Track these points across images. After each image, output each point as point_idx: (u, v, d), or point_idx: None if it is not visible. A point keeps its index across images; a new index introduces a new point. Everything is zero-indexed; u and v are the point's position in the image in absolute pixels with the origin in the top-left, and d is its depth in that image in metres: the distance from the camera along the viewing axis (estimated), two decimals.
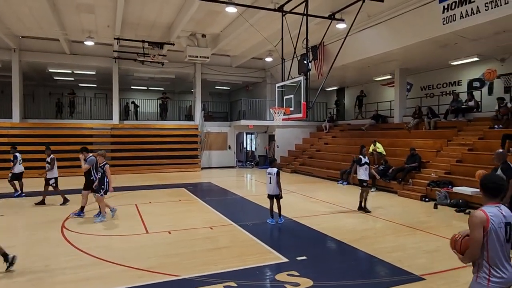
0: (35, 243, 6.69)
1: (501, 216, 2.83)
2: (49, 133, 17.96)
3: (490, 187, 2.89)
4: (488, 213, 2.80)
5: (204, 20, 14.30)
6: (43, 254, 6.04)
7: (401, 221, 8.35)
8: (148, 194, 12.19)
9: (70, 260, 5.76)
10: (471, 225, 2.82)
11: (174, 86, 25.19)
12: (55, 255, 5.99)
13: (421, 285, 4.83)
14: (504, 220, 2.83)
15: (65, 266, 5.49)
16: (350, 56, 14.56)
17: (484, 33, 10.70)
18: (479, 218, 2.79)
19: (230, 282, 4.84)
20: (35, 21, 14.24)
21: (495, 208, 2.86)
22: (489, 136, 11.83)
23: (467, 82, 15.21)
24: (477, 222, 2.78)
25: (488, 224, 2.77)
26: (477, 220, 2.79)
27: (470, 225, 2.82)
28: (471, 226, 2.82)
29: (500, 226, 2.80)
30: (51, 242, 6.71)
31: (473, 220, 2.80)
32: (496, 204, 2.89)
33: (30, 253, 6.12)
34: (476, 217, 2.80)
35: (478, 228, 2.77)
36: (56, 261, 5.68)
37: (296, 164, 19.40)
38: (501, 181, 2.94)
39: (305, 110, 10.22)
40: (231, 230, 7.63)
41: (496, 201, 2.90)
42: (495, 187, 2.89)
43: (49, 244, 6.62)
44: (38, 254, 6.02)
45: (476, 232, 2.77)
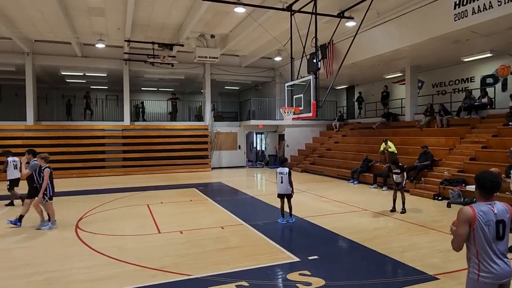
0: (50, 243, 6.81)
1: (491, 214, 2.83)
2: (62, 135, 18.28)
3: (487, 186, 2.88)
4: (476, 210, 2.83)
5: (213, 20, 14.36)
6: (58, 254, 6.15)
7: (413, 220, 8.27)
8: (160, 194, 12.30)
9: (84, 259, 5.85)
10: (457, 219, 2.88)
11: (183, 87, 25.34)
12: (70, 255, 6.09)
13: (434, 285, 4.77)
14: (495, 218, 2.83)
15: (79, 265, 5.58)
16: (360, 54, 14.44)
17: (497, 28, 10.50)
18: (466, 214, 2.84)
19: (242, 281, 4.86)
20: (47, 25, 14.50)
21: (487, 206, 2.87)
22: (503, 133, 11.63)
23: (480, 79, 14.95)
24: (463, 218, 2.84)
25: (475, 222, 2.80)
26: (463, 216, 2.84)
27: (457, 219, 2.89)
28: (457, 221, 2.88)
29: (489, 224, 2.81)
30: (66, 242, 6.83)
31: (460, 215, 2.87)
32: (489, 202, 2.89)
33: (46, 253, 6.24)
34: (464, 213, 2.85)
35: (463, 224, 2.84)
36: (71, 261, 5.78)
37: (306, 164, 19.34)
38: (497, 178, 2.92)
39: (315, 109, 10.19)
40: (242, 230, 7.65)
41: (490, 198, 2.91)
42: (491, 185, 2.87)
43: (64, 244, 6.74)
44: (52, 254, 6.13)
45: (461, 228, 2.85)
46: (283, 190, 8.18)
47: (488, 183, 2.87)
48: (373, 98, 20.33)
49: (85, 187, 14.32)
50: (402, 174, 9.15)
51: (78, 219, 8.67)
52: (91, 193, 12.79)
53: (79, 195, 12.32)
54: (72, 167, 17.95)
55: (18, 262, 5.79)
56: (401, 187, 9.15)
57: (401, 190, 9.13)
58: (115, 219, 8.78)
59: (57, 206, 10.41)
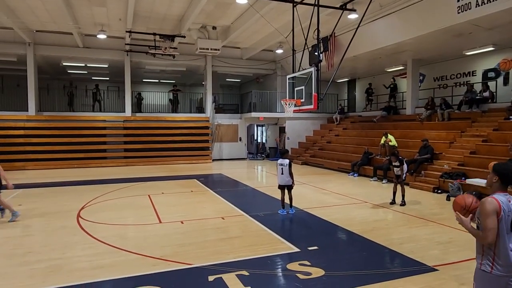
0: (53, 232, 6.84)
1: (508, 204, 2.79)
2: (63, 126, 18.27)
3: (508, 176, 2.82)
4: (499, 201, 2.75)
5: (215, 12, 14.24)
6: (60, 242, 6.18)
7: (413, 213, 8.28)
8: (161, 185, 12.32)
9: (86, 248, 5.88)
10: (484, 212, 2.74)
11: (185, 78, 25.24)
12: (72, 243, 6.12)
13: (433, 275, 4.79)
14: (511, 209, 2.79)
15: (81, 254, 5.61)
16: (362, 47, 14.33)
17: (500, 21, 10.38)
18: (493, 205, 2.73)
19: (242, 270, 4.88)
20: (49, 15, 14.39)
21: (505, 197, 2.81)
22: (504, 127, 11.58)
23: (482, 73, 14.85)
24: (491, 209, 2.71)
25: (501, 213, 2.73)
26: (491, 207, 2.72)
27: (483, 212, 2.74)
28: (484, 214, 2.74)
29: (509, 215, 2.76)
30: (68, 231, 6.85)
31: (487, 207, 2.73)
32: (505, 193, 2.84)
33: (48, 241, 6.27)
34: (490, 204, 2.73)
35: (492, 215, 2.71)
36: (72, 249, 5.81)
37: (306, 156, 19.33)
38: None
39: (316, 102, 10.14)
40: (243, 221, 7.67)
41: (506, 190, 2.86)
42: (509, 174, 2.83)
43: (66, 232, 6.76)
44: (55, 243, 6.16)
45: (491, 220, 2.71)
46: (283, 182, 8.18)
47: (510, 174, 2.82)
48: (375, 92, 20.23)
49: (87, 177, 14.34)
50: (402, 167, 9.12)
51: (79, 208, 8.69)
52: (93, 183, 12.82)
53: (81, 185, 12.35)
54: (73, 157, 17.98)
55: (20, 250, 5.81)
56: (401, 180, 9.15)
57: (401, 183, 9.13)
58: (116, 209, 8.81)
59: (58, 195, 10.50)
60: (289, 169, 8.06)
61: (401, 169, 9.10)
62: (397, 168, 9.14)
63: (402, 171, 9.12)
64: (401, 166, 9.10)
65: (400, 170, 9.11)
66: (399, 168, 9.12)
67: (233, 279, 4.62)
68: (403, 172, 9.18)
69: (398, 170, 9.14)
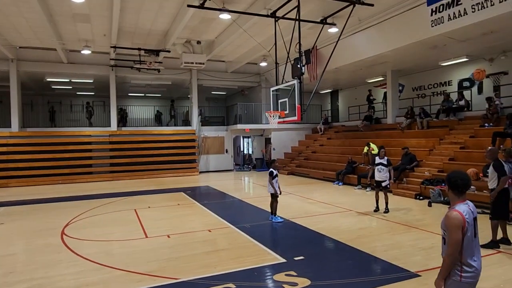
0: (35, 250, 6.63)
1: (470, 212, 2.86)
2: (48, 141, 17.89)
3: (461, 185, 2.89)
4: (463, 213, 2.81)
5: (199, 27, 14.33)
6: (44, 261, 5.99)
7: (396, 220, 8.37)
8: (147, 199, 12.14)
9: (70, 266, 5.71)
10: (450, 227, 2.80)
11: (170, 92, 25.16)
12: (56, 261, 5.94)
13: (416, 281, 4.83)
14: (473, 216, 2.87)
15: (65, 272, 5.45)
16: (343, 59, 14.63)
17: (472, 34, 10.78)
18: (458, 219, 2.78)
19: (229, 283, 4.82)
20: (32, 31, 14.21)
21: (465, 205, 2.87)
22: (480, 134, 11.91)
23: (457, 82, 15.31)
24: (456, 224, 2.78)
25: (465, 224, 2.79)
26: (456, 222, 2.78)
27: (449, 227, 2.81)
28: (450, 228, 2.80)
29: (472, 223, 2.84)
30: (52, 249, 6.66)
31: (453, 222, 2.79)
32: (464, 202, 2.90)
33: (30, 260, 6.08)
34: (455, 218, 2.79)
35: (457, 229, 2.77)
36: (56, 268, 5.64)
37: (292, 166, 19.40)
38: (467, 176, 2.96)
39: (300, 113, 10.24)
40: (230, 233, 7.61)
41: (464, 198, 2.92)
42: (463, 183, 2.89)
43: (49, 251, 6.57)
44: (38, 261, 5.97)
45: (456, 234, 2.77)
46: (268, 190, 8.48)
47: (459, 182, 2.89)
48: (357, 102, 20.59)
49: (72, 193, 14.02)
50: (389, 169, 9.10)
51: (64, 225, 8.47)
52: (78, 199, 12.54)
53: (66, 201, 12.06)
54: (58, 173, 17.57)
55: (1, 270, 5.61)
56: (385, 186, 9.09)
57: (384, 191, 9.12)
58: (102, 224, 8.62)
59: (42, 213, 10.22)
60: (268, 178, 8.33)
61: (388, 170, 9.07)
62: (384, 168, 9.06)
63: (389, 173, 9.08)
64: (388, 168, 9.10)
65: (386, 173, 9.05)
66: (385, 169, 9.06)
67: None
68: (390, 176, 9.13)
69: (382, 174, 9.06)
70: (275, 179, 8.40)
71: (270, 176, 8.38)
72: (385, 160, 9.18)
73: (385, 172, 9.11)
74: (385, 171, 9.12)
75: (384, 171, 9.11)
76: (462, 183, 2.89)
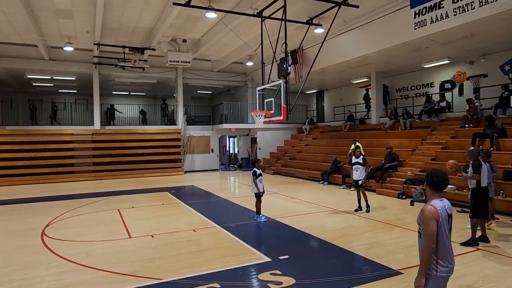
0: (14, 252, 6.44)
1: (444, 209, 2.98)
2: (28, 140, 17.43)
3: (436, 181, 3.00)
4: (437, 207, 2.93)
5: (185, 25, 14.21)
6: (22, 262, 5.83)
7: (379, 218, 8.49)
8: (131, 199, 11.96)
9: (50, 267, 5.58)
10: (424, 219, 2.91)
11: (156, 91, 24.88)
12: (35, 263, 5.79)
13: (399, 279, 4.91)
14: (447, 213, 2.99)
15: (45, 273, 5.31)
16: (328, 60, 14.76)
17: (454, 37, 11.04)
18: (431, 212, 2.90)
19: (214, 283, 4.80)
20: (12, 27, 13.80)
21: (440, 202, 2.99)
22: (460, 135, 12.20)
23: (439, 84, 15.65)
24: (430, 217, 2.89)
25: (439, 218, 2.90)
26: (429, 214, 2.89)
27: (424, 219, 2.91)
28: (424, 221, 2.91)
29: (446, 219, 2.96)
30: (31, 250, 6.48)
31: (426, 215, 2.90)
32: (440, 198, 3.02)
33: (8, 262, 5.90)
34: (429, 211, 2.91)
35: (432, 220, 2.88)
36: (36, 269, 5.50)
37: (278, 166, 19.46)
38: (445, 175, 3.05)
39: (285, 113, 10.27)
40: (215, 232, 7.57)
41: (440, 194, 3.03)
42: (440, 180, 3.00)
43: (28, 252, 6.39)
44: (17, 263, 5.80)
45: (431, 224, 2.88)
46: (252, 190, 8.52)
47: (435, 179, 3.01)
48: (342, 102, 20.81)
49: (53, 193, 13.70)
50: (365, 168, 9.19)
51: (44, 226, 8.26)
52: (59, 199, 12.26)
53: (46, 201, 11.77)
54: (39, 172, 17.13)
55: None
56: (361, 184, 9.15)
57: (361, 189, 9.19)
58: (84, 225, 8.44)
59: (22, 213, 9.95)
60: (251, 178, 8.39)
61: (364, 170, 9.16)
62: (360, 167, 9.13)
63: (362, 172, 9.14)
64: (364, 167, 9.18)
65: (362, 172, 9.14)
66: (361, 168, 9.14)
67: None
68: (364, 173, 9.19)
69: (358, 173, 9.15)
70: (259, 179, 8.41)
71: (254, 176, 8.41)
72: (361, 159, 9.29)
73: (361, 171, 9.20)
74: (361, 170, 9.21)
75: (361, 170, 9.21)
76: (438, 179, 3.00)
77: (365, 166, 9.27)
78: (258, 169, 8.49)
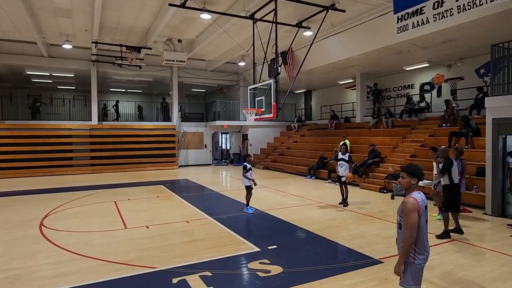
0: (13, 241, 6.33)
1: (423, 200, 3.04)
2: (27, 134, 17.10)
3: (420, 174, 3.08)
4: (417, 199, 2.97)
5: (180, 26, 14.05)
6: (21, 252, 5.73)
7: (362, 211, 8.57)
8: (127, 192, 11.85)
9: (48, 256, 5.49)
10: (406, 211, 2.94)
11: (152, 88, 24.62)
12: (33, 252, 5.70)
13: (379, 267, 4.97)
14: (425, 204, 3.05)
15: (43, 262, 5.23)
16: (316, 61, 14.77)
17: (433, 41, 11.15)
18: (413, 204, 2.95)
19: (205, 271, 4.79)
20: (12, 24, 13.45)
21: (419, 194, 3.05)
22: (438, 134, 12.37)
23: (419, 86, 15.80)
24: (412, 208, 2.93)
25: (420, 209, 2.94)
26: (412, 206, 2.94)
27: (406, 211, 2.95)
28: (406, 212, 2.94)
29: (424, 210, 3.01)
30: (29, 240, 6.38)
31: (409, 206, 2.94)
32: (418, 191, 3.07)
33: (7, 251, 5.79)
34: (411, 203, 2.95)
35: (413, 212, 2.92)
36: (34, 258, 5.41)
37: (268, 161, 19.48)
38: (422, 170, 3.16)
39: (275, 111, 10.25)
40: (207, 224, 7.55)
41: (418, 187, 3.10)
42: (422, 173, 3.10)
43: (27, 241, 6.29)
44: (15, 252, 5.70)
45: (413, 216, 2.91)
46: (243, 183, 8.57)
47: (418, 172, 3.08)
48: (328, 102, 20.88)
49: (52, 185, 13.48)
50: (350, 164, 9.18)
51: (43, 217, 8.14)
52: (58, 191, 12.07)
53: (45, 194, 11.58)
54: (38, 165, 16.84)
55: None
56: (344, 181, 9.16)
57: (344, 184, 9.21)
58: (81, 216, 8.34)
59: (21, 204, 9.77)
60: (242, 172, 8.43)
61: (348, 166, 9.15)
62: (345, 163, 9.10)
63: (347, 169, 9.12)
64: (348, 163, 9.17)
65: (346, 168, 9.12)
66: (346, 164, 9.12)
67: (197, 280, 4.52)
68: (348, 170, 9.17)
69: (342, 169, 9.13)
70: (249, 172, 8.42)
71: (244, 170, 8.43)
72: (347, 156, 9.26)
73: (346, 168, 9.19)
74: (346, 167, 9.19)
75: (345, 166, 9.19)
76: (421, 173, 3.09)
77: (349, 163, 9.29)
78: (248, 164, 8.50)
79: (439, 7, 9.22)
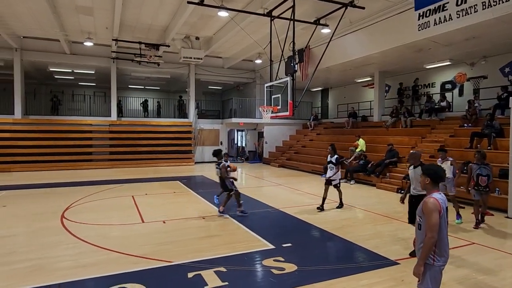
0: (35, 232, 6.56)
1: (444, 201, 2.96)
2: (49, 129, 17.64)
3: (440, 176, 3.02)
4: (439, 200, 2.90)
5: (198, 23, 14.15)
6: (43, 242, 5.93)
7: (378, 211, 8.45)
8: (144, 187, 12.06)
9: (68, 248, 5.66)
10: (428, 211, 2.87)
11: (169, 85, 24.94)
12: (55, 243, 5.88)
13: (396, 269, 4.89)
14: (445, 205, 2.97)
15: (64, 253, 5.40)
16: (333, 59, 14.58)
17: (456, 39, 10.82)
18: (434, 204, 2.88)
19: (220, 267, 4.82)
20: (36, 22, 13.90)
21: (440, 195, 2.97)
22: (459, 134, 12.02)
23: (440, 84, 15.39)
24: (433, 208, 2.86)
25: (441, 210, 2.87)
26: (433, 206, 2.87)
27: (427, 211, 2.87)
28: (427, 212, 2.87)
29: (445, 212, 2.94)
30: (51, 231, 6.59)
31: (430, 206, 2.87)
32: (439, 192, 2.99)
33: (30, 242, 6.01)
34: (432, 203, 2.88)
35: (435, 212, 2.85)
36: (55, 249, 5.59)
37: (283, 159, 19.42)
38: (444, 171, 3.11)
39: (292, 109, 10.21)
40: (222, 220, 7.61)
41: (438, 188, 3.02)
42: (442, 175, 3.04)
43: (48, 233, 6.50)
44: (37, 243, 5.90)
45: (434, 216, 2.84)
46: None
47: (441, 173, 3.02)
48: (345, 100, 20.62)
49: (72, 179, 13.87)
50: (337, 167, 8.49)
51: (64, 209, 8.39)
52: (78, 185, 12.42)
53: (66, 187, 11.93)
54: (59, 160, 17.36)
55: (2, 250, 5.54)
56: (335, 184, 8.55)
57: (336, 187, 8.61)
58: (100, 209, 8.55)
59: (43, 197, 10.11)
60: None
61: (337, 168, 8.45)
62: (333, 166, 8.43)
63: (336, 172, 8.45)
64: (336, 166, 8.46)
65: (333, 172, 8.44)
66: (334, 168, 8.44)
67: (211, 275, 4.57)
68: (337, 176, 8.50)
69: (331, 172, 8.48)
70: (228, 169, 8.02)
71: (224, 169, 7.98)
72: (334, 159, 8.54)
73: (335, 171, 8.54)
74: (334, 170, 8.54)
75: (334, 169, 8.55)
76: (441, 175, 3.03)
77: (338, 166, 8.54)
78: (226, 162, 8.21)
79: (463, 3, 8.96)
